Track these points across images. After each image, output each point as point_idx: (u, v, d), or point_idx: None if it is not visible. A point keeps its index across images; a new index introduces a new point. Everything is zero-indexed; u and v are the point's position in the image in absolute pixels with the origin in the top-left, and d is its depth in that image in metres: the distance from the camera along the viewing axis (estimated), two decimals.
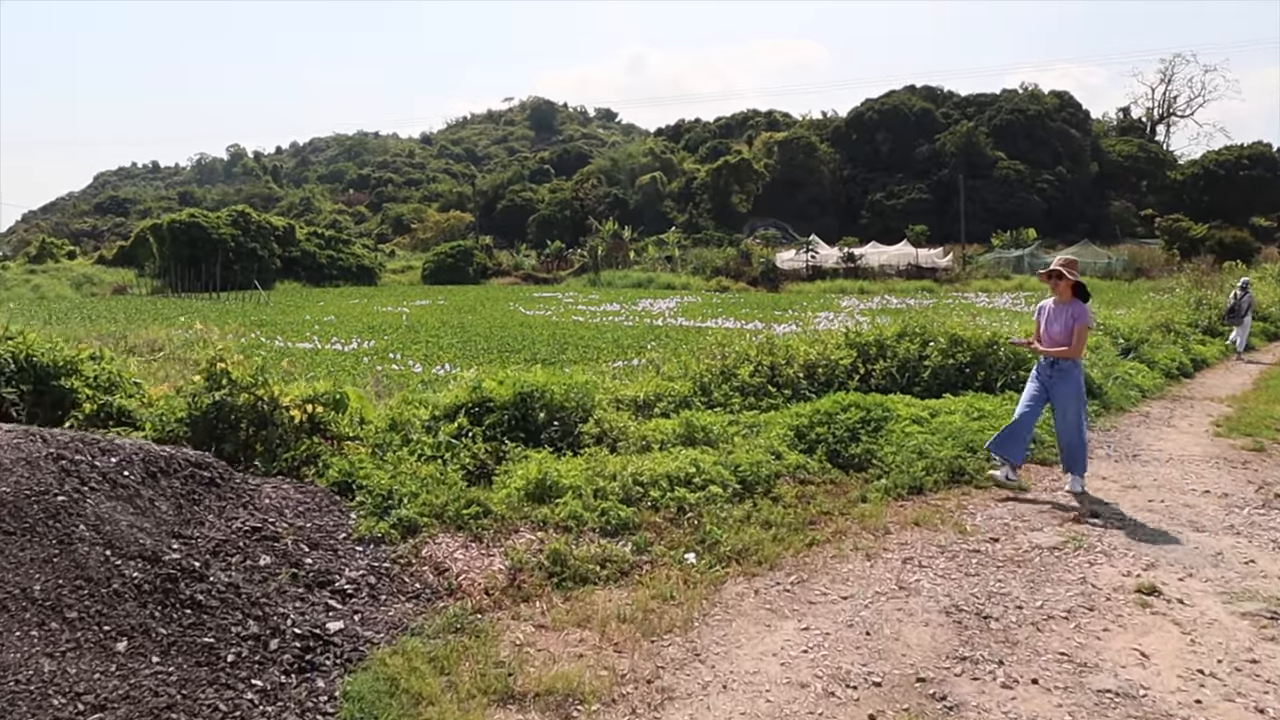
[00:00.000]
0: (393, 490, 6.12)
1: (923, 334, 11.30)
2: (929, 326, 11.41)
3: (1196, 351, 17.44)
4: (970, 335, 11.26)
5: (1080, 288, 7.87)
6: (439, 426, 8.07)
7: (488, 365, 21.91)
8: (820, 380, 10.68)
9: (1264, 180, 77.76)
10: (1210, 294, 21.91)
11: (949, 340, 11.14)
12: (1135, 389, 12.97)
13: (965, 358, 10.97)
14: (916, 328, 11.35)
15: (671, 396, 9.80)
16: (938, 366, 10.76)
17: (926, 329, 11.37)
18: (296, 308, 42.70)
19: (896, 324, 11.56)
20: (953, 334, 11.26)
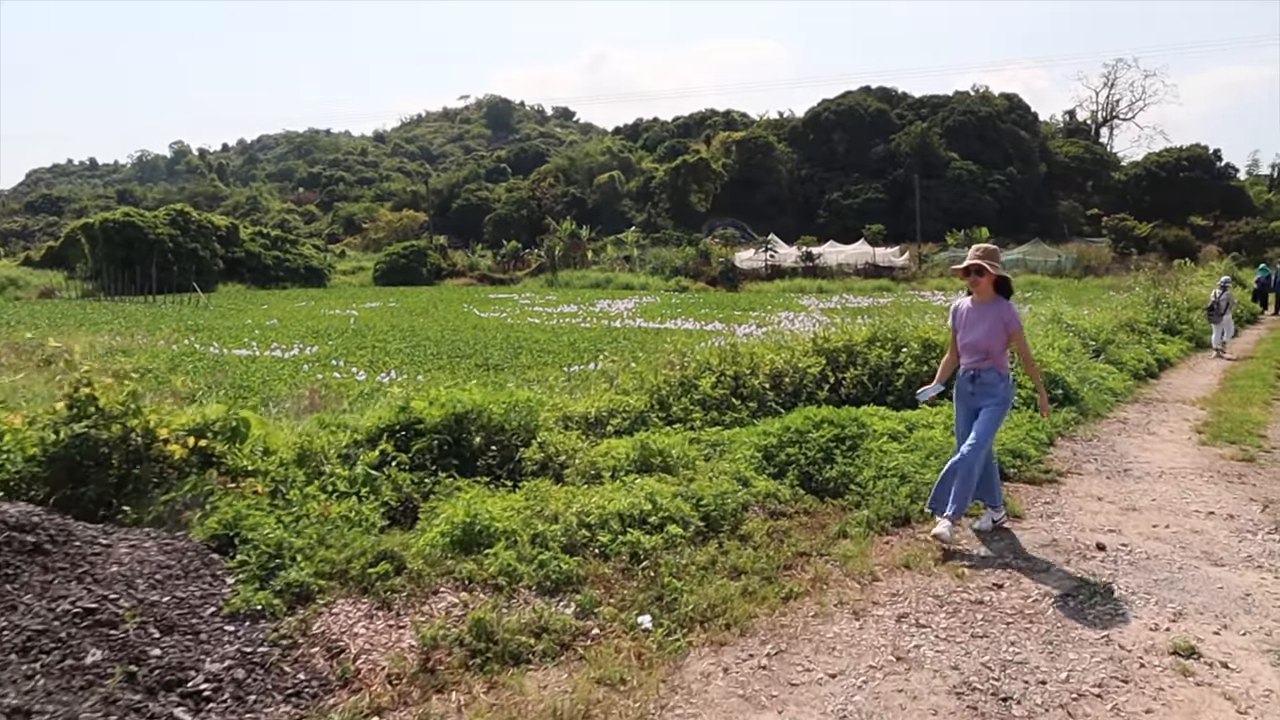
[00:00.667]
0: (284, 544, 5.04)
1: (895, 339, 10.44)
2: (901, 331, 10.55)
3: (1160, 351, 16.88)
4: (944, 339, 10.42)
5: (1004, 283, 6.37)
6: (358, 455, 7.02)
7: (437, 372, 20.80)
8: (788, 391, 9.77)
9: (1201, 181, 78.87)
10: (1168, 292, 21.46)
11: (922, 345, 10.30)
12: (1109, 392, 12.26)
13: (940, 364, 10.14)
14: (888, 332, 10.49)
15: (626, 412, 8.82)
16: (911, 374, 9.90)
17: (899, 333, 10.51)
18: (238, 311, 41.11)
19: (867, 328, 10.69)
20: (926, 339, 10.41)
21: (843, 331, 10.66)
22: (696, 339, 27.06)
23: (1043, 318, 14.80)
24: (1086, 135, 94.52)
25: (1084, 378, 12.02)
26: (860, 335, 10.51)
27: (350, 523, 5.90)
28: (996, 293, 6.35)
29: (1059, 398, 10.77)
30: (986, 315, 6.30)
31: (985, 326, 6.29)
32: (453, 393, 7.98)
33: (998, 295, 6.35)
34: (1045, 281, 52.58)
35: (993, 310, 6.27)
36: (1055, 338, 13.26)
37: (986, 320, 6.28)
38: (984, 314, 6.33)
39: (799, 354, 10.23)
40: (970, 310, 6.48)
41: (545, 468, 7.33)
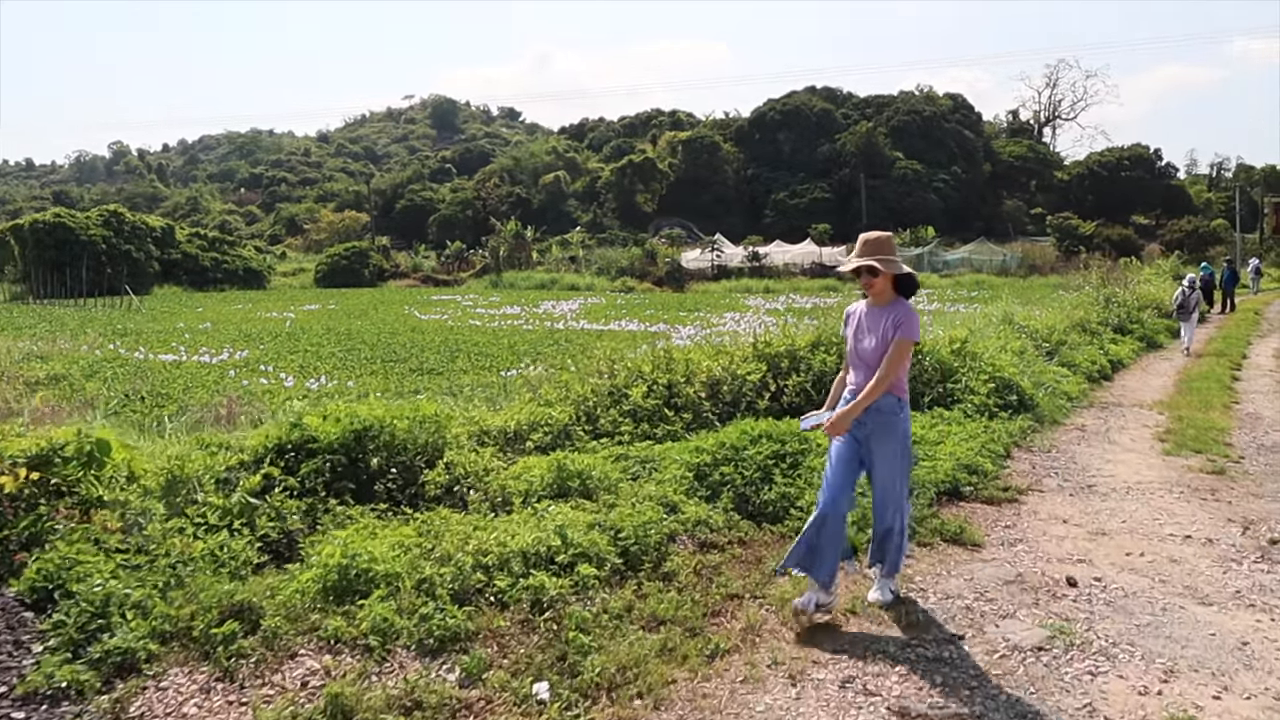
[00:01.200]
0: (113, 598, 4.17)
1: (840, 343, 9.77)
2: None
3: (1113, 352, 16.50)
4: None
5: (906, 281, 5.03)
6: (240, 480, 6.14)
7: (369, 377, 19.91)
8: (725, 400, 9.05)
9: (1143, 181, 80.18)
10: (1118, 291, 21.20)
11: None
12: (1064, 397, 11.74)
13: (833, 384, 9.52)
14: (833, 336, 9.82)
15: (549, 426, 8.03)
16: None
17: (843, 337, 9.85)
18: (171, 314, 39.81)
19: (810, 331, 10.00)
20: None
21: (785, 335, 9.97)
22: (641, 340, 26.41)
23: (994, 319, 14.28)
24: (1030, 135, 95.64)
25: (1038, 382, 11.49)
26: (803, 339, 9.83)
27: (215, 563, 5.04)
28: (897, 293, 5.02)
29: (1014, 404, 10.20)
30: (880, 321, 4.95)
31: (878, 335, 4.96)
32: (352, 407, 7.12)
33: (898, 296, 5.02)
34: (991, 280, 52.77)
35: (888, 315, 4.91)
36: (1008, 340, 12.73)
37: (879, 327, 4.95)
38: (878, 320, 4.97)
39: (738, 360, 9.52)
40: (865, 316, 5.12)
41: (450, 492, 6.51)
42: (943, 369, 10.09)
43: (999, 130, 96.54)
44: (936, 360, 10.09)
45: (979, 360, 10.64)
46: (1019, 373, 11.00)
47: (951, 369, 10.22)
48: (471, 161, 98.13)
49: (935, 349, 10.19)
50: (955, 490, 7.03)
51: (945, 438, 8.22)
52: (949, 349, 10.58)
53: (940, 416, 9.08)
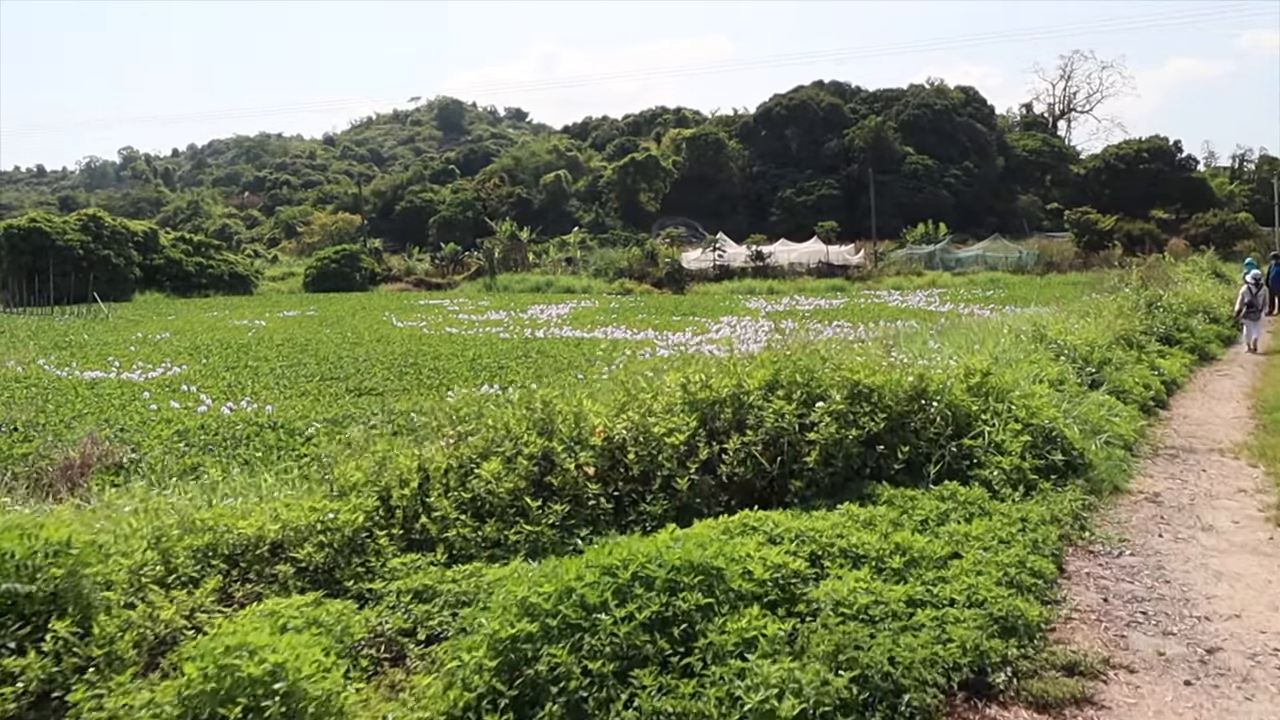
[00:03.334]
0: None
1: (807, 384, 6.60)
2: (817, 371, 6.70)
3: (1163, 368, 13.27)
4: (883, 382, 6.62)
5: None
6: None
7: (299, 398, 17.49)
8: (632, 475, 5.95)
9: (1162, 173, 76.24)
10: (1160, 293, 17.90)
11: (849, 394, 6.48)
12: (1120, 443, 8.55)
13: (877, 423, 6.32)
14: (797, 374, 6.65)
15: (333, 530, 4.96)
16: (830, 441, 6.09)
17: (814, 375, 6.67)
18: (138, 323, 37.50)
19: (766, 365, 6.82)
20: (855, 382, 6.57)
21: (730, 371, 6.80)
22: (624, 350, 23.48)
23: (1022, 334, 11.05)
24: (1044, 128, 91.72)
25: (1088, 425, 8.29)
26: (754, 378, 6.66)
27: None
28: None
29: (1058, 466, 7.04)
30: None
31: None
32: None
33: None
34: (1007, 278, 49.35)
35: None
36: (1043, 365, 9.51)
37: None
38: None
39: (658, 411, 6.39)
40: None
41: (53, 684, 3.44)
42: (957, 418, 6.92)
43: (1012, 124, 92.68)
44: (948, 404, 6.92)
45: (1007, 401, 7.47)
46: (1061, 415, 7.81)
47: (970, 416, 7.06)
48: (476, 163, 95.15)
49: (945, 388, 7.03)
50: (980, 679, 3.87)
51: (961, 544, 5.08)
52: (965, 386, 7.42)
53: (953, 498, 5.91)
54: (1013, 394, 7.69)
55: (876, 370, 6.77)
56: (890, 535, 4.87)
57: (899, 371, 6.87)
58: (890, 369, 6.89)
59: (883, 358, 7.13)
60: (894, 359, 7.24)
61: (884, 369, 6.87)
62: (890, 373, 6.77)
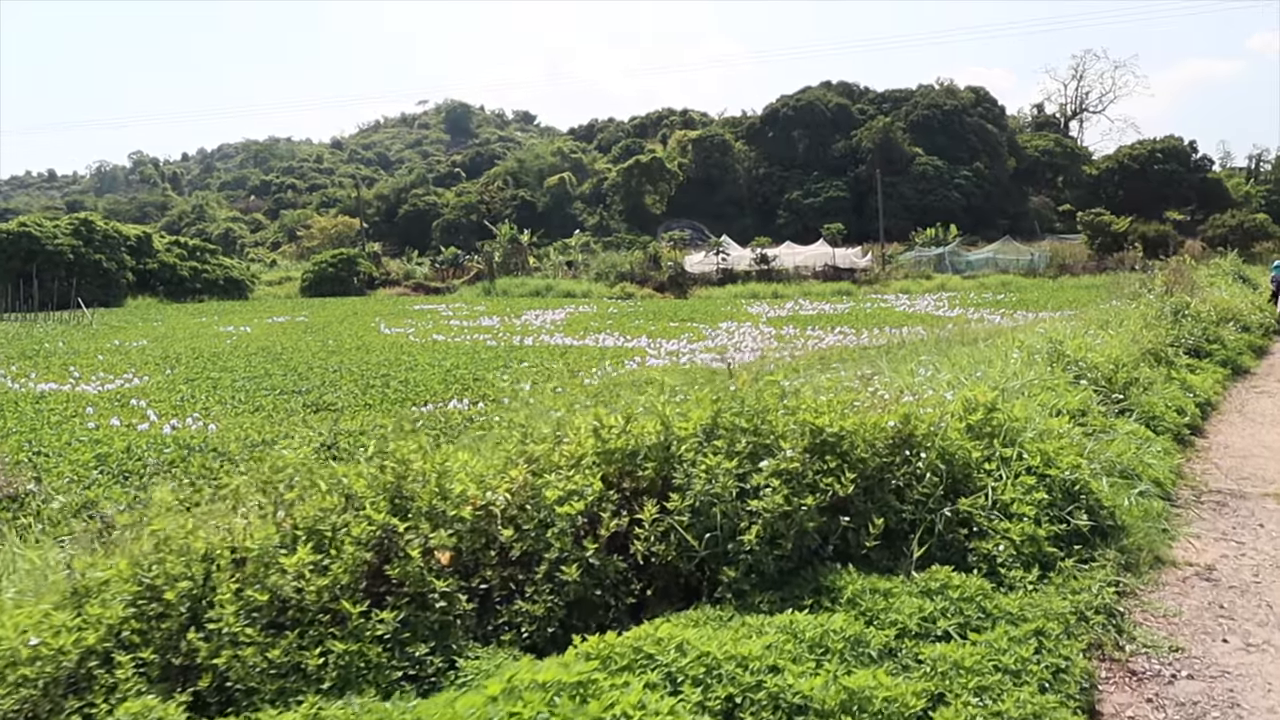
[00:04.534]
0: None
1: (755, 430, 5.00)
2: (769, 411, 5.07)
3: (1194, 386, 11.60)
4: (855, 427, 5.01)
5: None
6: None
7: (253, 414, 16.32)
8: (510, 559, 4.37)
9: (1176, 174, 74.25)
10: (1187, 299, 16.17)
11: (810, 445, 4.88)
12: (1157, 489, 6.92)
13: (845, 485, 4.71)
14: (743, 417, 5.03)
15: (46, 660, 3.40)
16: (777, 514, 4.48)
17: (766, 418, 5.05)
18: (121, 329, 36.40)
19: (705, 406, 5.19)
20: (819, 430, 4.95)
21: (659, 413, 5.17)
22: (610, 359, 21.97)
23: (1037, 352, 9.37)
24: (1056, 128, 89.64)
25: (1114, 468, 6.64)
26: (688, 422, 5.05)
27: None
28: None
29: (1083, 533, 5.42)
30: None
31: None
32: None
33: None
34: (1018, 281, 47.59)
35: None
36: (1061, 392, 7.86)
37: None
38: None
39: (561, 465, 4.80)
40: None
41: None
42: (953, 470, 5.31)
43: (1023, 124, 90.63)
44: (941, 453, 5.31)
45: (1017, 445, 5.85)
46: (1085, 460, 6.17)
47: (969, 468, 5.45)
48: (482, 166, 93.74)
49: (938, 431, 5.42)
50: None
51: (947, 680, 3.48)
52: (964, 426, 5.80)
53: (943, 592, 4.29)
54: (1025, 435, 6.06)
55: (847, 410, 5.15)
56: (844, 676, 3.26)
57: (878, 412, 5.25)
58: (867, 408, 5.28)
59: (858, 392, 5.51)
60: (875, 393, 5.61)
61: (858, 409, 5.25)
62: (866, 414, 5.16)
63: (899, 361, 9.28)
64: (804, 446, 4.88)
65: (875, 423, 5.11)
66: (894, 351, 18.03)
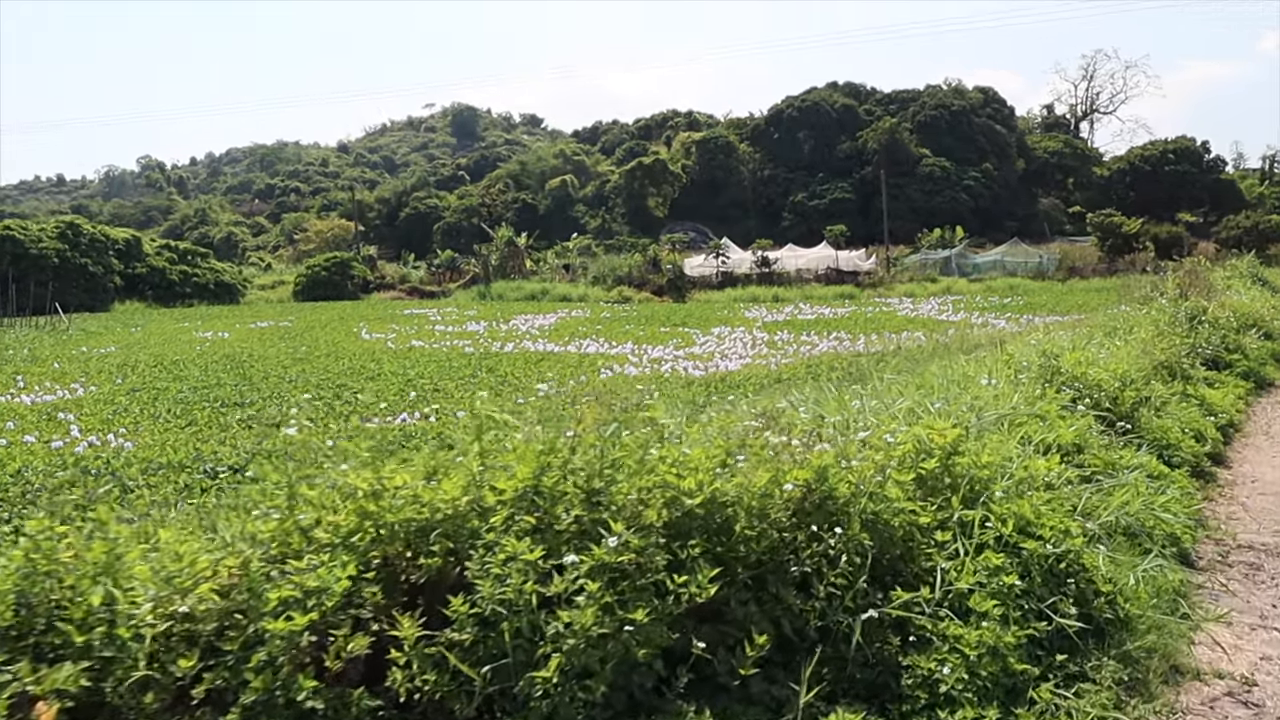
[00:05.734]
0: None
1: (591, 495, 3.42)
2: (618, 470, 3.51)
3: (1214, 404, 9.97)
4: (736, 493, 3.42)
5: None
6: None
7: (177, 431, 14.94)
8: (194, 703, 2.85)
9: (1189, 175, 72.26)
10: (1204, 304, 14.49)
11: (666, 521, 3.30)
12: (1172, 549, 5.33)
13: (703, 586, 3.14)
14: (576, 477, 3.47)
15: None
16: (588, 637, 2.90)
17: (610, 478, 3.49)
18: (98, 335, 35.34)
19: (528, 461, 3.63)
20: (673, 497, 3.38)
21: (455, 470, 3.61)
22: (588, 367, 20.53)
23: (1028, 367, 7.74)
24: (1066, 129, 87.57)
25: (1114, 528, 5.05)
26: (500, 485, 3.49)
27: None
28: None
29: (1071, 632, 3.85)
30: None
31: None
32: None
33: None
34: (1026, 285, 45.83)
35: None
36: (1053, 422, 6.25)
37: None
38: None
39: (304, 548, 3.28)
40: None
41: None
42: (888, 547, 3.75)
43: (1033, 125, 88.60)
44: (871, 521, 3.76)
45: (986, 501, 4.29)
46: (1075, 521, 4.59)
47: (913, 540, 3.89)
48: (486, 169, 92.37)
49: (865, 489, 3.87)
50: None
51: None
52: (911, 479, 4.23)
53: None
54: (996, 487, 4.49)
55: (730, 466, 3.59)
56: None
57: (775, 467, 3.68)
58: (759, 463, 3.71)
59: (752, 440, 3.94)
60: (785, 436, 4.04)
61: (745, 464, 3.69)
62: (756, 471, 3.60)
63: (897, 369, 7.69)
64: (660, 522, 3.33)
65: (766, 484, 3.55)
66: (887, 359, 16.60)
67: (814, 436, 4.01)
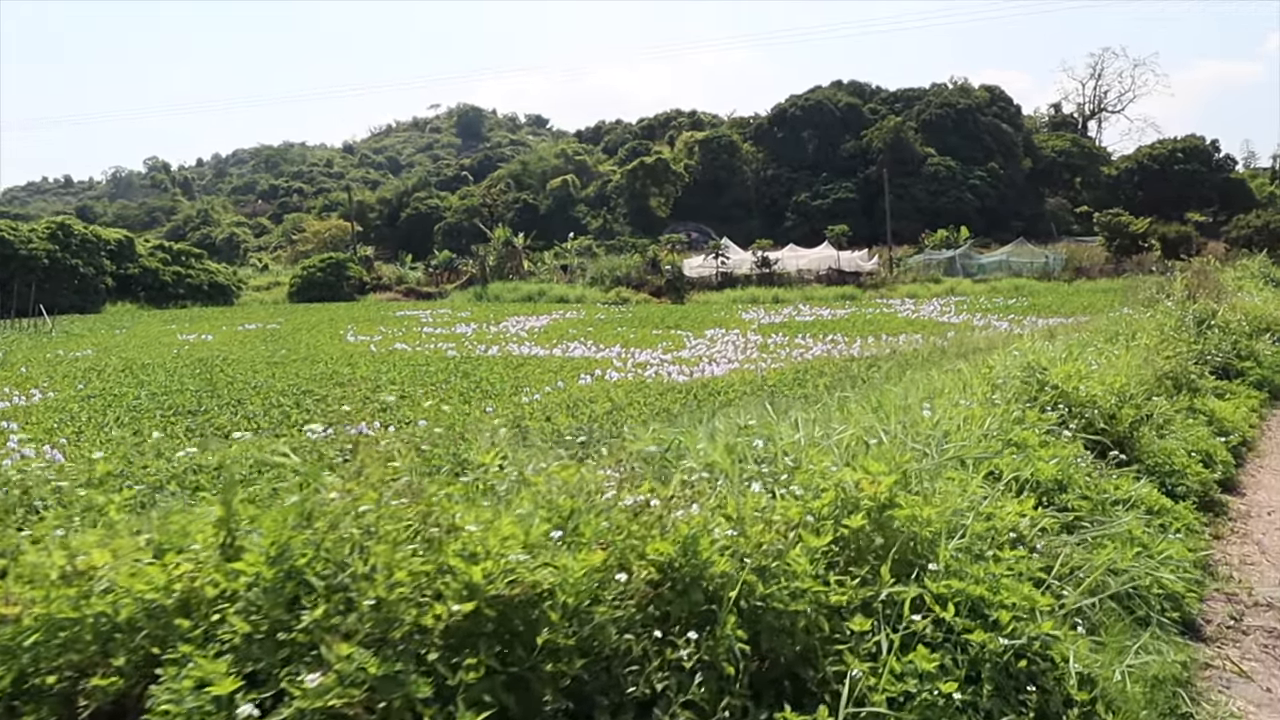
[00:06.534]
0: None
1: (330, 591, 2.46)
2: (377, 556, 2.54)
3: (1224, 420, 8.89)
4: (552, 585, 2.44)
5: None
6: None
7: (122, 442, 14.01)
8: None
9: (1198, 174, 70.82)
10: (1213, 306, 13.38)
11: (455, 626, 2.34)
12: (1171, 615, 4.29)
13: None
14: (320, 562, 2.50)
15: None
16: None
17: (362, 565, 2.51)
18: (79, 338, 34.73)
19: (212, 530, 2.66)
20: (468, 591, 2.41)
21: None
22: (569, 373, 19.61)
23: (1007, 385, 6.64)
24: (1073, 128, 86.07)
25: (1099, 590, 4.01)
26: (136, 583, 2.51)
27: None
28: None
29: None
30: None
31: None
32: None
33: None
34: (1032, 285, 44.68)
35: None
36: (1034, 454, 5.18)
37: None
38: None
39: None
40: None
41: None
42: (782, 646, 2.74)
43: (1040, 124, 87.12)
44: (757, 612, 2.74)
45: (927, 567, 3.27)
46: (1045, 596, 3.55)
47: (818, 633, 2.86)
48: (490, 169, 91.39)
49: (756, 559, 2.84)
50: None
51: None
52: (827, 542, 3.19)
53: None
54: (941, 550, 3.45)
55: (547, 545, 2.56)
56: None
57: (625, 540, 2.66)
58: (596, 536, 2.68)
59: (600, 503, 2.91)
60: (641, 498, 3.01)
61: (579, 538, 2.66)
62: (584, 550, 2.57)
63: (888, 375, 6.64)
64: (440, 626, 2.31)
65: (603, 570, 2.52)
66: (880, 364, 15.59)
67: (688, 492, 2.97)
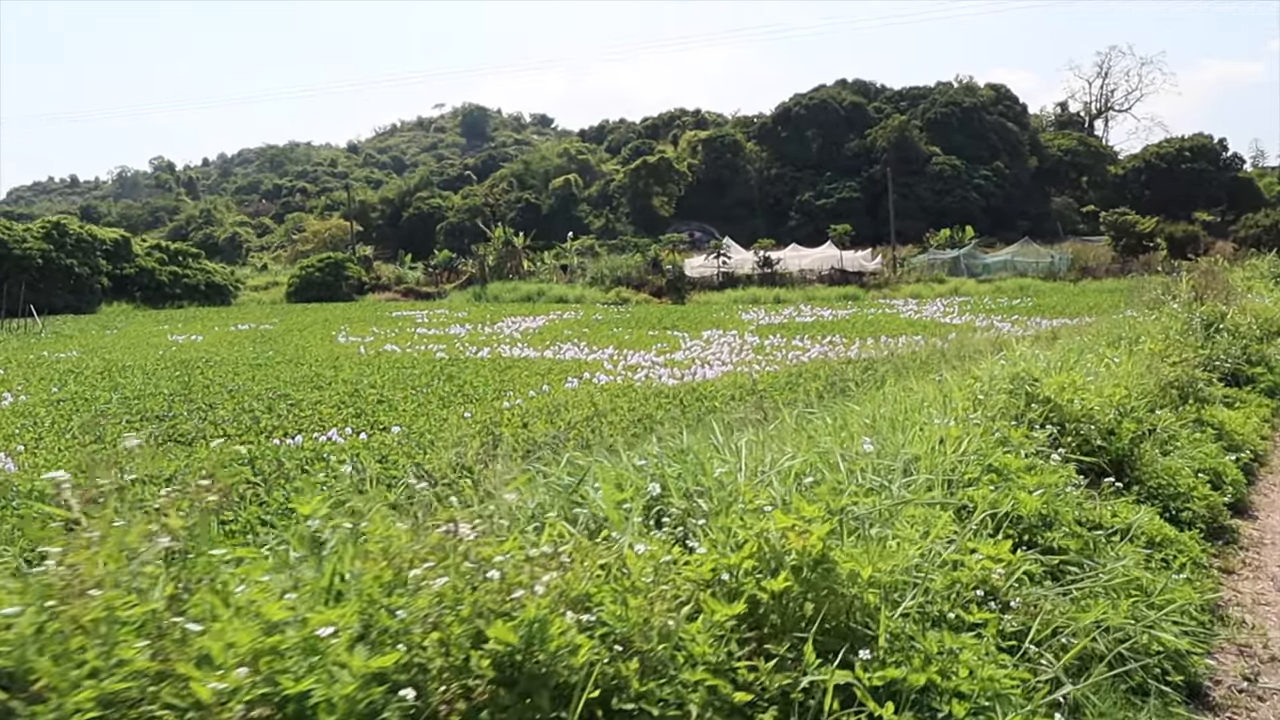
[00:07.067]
0: None
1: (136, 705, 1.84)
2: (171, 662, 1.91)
3: (1233, 431, 8.18)
4: (339, 703, 1.82)
5: None
6: None
7: (77, 451, 13.65)
8: None
9: (1205, 173, 69.86)
10: (1222, 309, 12.65)
11: None
12: (1174, 679, 3.62)
13: None
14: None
15: None
16: None
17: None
18: (69, 338, 34.41)
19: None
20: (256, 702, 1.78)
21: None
22: (557, 376, 19.01)
23: (992, 398, 5.95)
24: (1080, 127, 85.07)
25: (1092, 659, 3.34)
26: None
27: None
28: None
29: None
30: None
31: None
32: None
33: None
34: (1037, 285, 43.93)
35: None
36: (1015, 482, 4.50)
37: None
38: None
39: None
40: None
41: None
42: None
43: (1046, 123, 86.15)
44: (631, 715, 2.09)
45: (862, 644, 2.60)
46: (1010, 674, 2.89)
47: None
48: (494, 169, 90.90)
49: (640, 641, 2.18)
50: None
51: None
52: (738, 611, 2.54)
53: None
54: (884, 619, 2.78)
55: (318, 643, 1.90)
56: None
57: (449, 628, 1.99)
58: (399, 629, 2.02)
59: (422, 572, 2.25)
60: (468, 568, 2.36)
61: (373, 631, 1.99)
62: (378, 650, 1.90)
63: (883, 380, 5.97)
64: None
65: (400, 670, 1.86)
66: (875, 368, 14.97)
67: (548, 558, 2.31)
